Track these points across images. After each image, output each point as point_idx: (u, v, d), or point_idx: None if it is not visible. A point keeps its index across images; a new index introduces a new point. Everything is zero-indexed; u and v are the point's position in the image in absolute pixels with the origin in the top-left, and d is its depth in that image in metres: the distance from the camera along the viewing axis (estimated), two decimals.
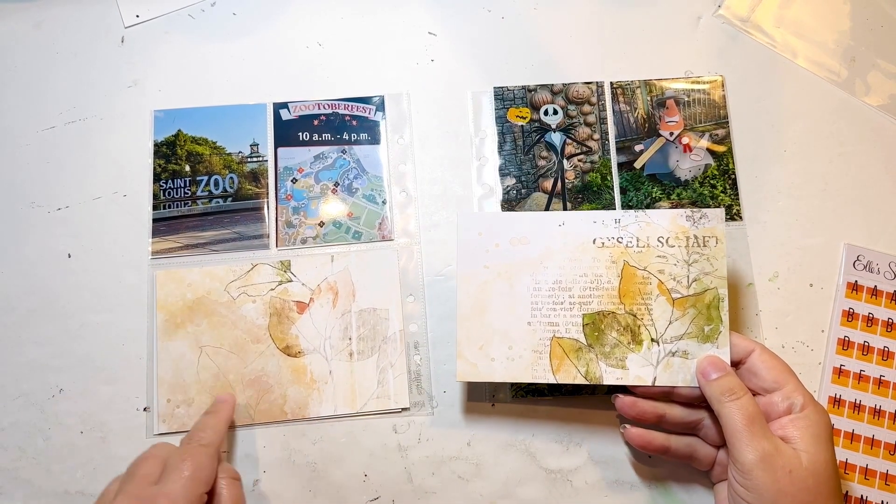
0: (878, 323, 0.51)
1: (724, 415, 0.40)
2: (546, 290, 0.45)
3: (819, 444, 0.39)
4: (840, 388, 0.50)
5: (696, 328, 0.44)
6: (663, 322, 0.44)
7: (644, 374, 0.44)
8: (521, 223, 0.46)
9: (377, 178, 0.54)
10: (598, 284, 0.45)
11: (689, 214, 0.45)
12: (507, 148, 0.55)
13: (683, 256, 0.45)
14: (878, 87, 0.57)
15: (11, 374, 0.50)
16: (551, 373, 0.44)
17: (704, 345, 0.44)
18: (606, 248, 0.45)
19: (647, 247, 0.45)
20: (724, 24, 0.58)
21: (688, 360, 0.44)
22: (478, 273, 0.45)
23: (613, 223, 0.45)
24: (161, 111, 0.55)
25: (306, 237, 0.52)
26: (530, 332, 0.44)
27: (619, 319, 0.44)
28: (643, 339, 0.44)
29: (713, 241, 0.45)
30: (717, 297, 0.44)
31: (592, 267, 0.45)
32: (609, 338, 0.44)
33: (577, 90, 0.56)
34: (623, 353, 0.44)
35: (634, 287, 0.45)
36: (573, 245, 0.45)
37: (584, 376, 0.44)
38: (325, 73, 0.56)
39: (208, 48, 0.57)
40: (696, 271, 0.44)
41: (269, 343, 0.50)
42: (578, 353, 0.44)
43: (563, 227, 0.46)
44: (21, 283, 0.51)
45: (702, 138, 0.55)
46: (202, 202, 0.53)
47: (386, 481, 0.48)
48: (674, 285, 0.45)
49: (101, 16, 0.57)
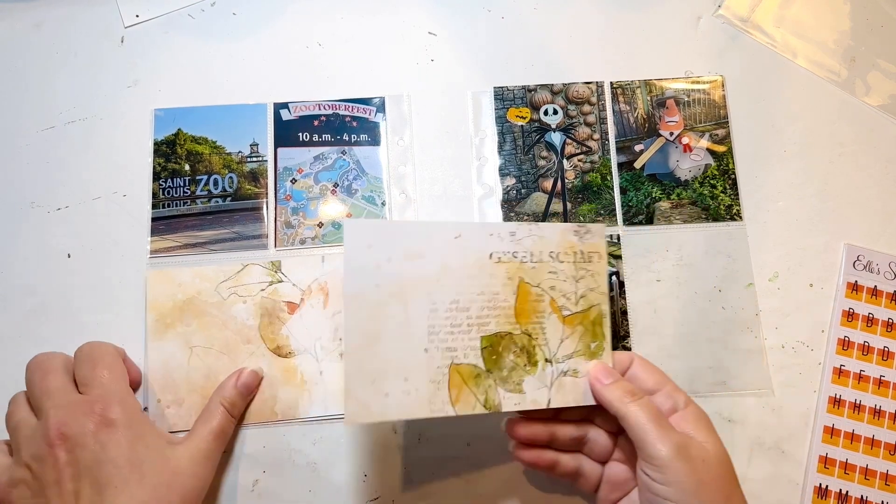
0: (878, 323, 0.51)
1: (630, 414, 0.39)
2: (443, 312, 0.40)
3: (715, 435, 0.40)
4: (840, 388, 0.50)
5: (584, 345, 0.43)
6: (555, 341, 0.42)
7: (539, 397, 0.41)
8: (416, 234, 0.41)
9: (377, 179, 0.54)
10: (495, 303, 0.41)
11: (576, 229, 0.43)
12: (507, 148, 0.55)
13: (572, 272, 0.43)
14: (878, 87, 0.57)
15: (11, 375, 0.50)
16: (450, 405, 0.40)
17: (590, 362, 0.43)
18: (503, 264, 0.42)
19: (541, 262, 0.43)
20: (724, 24, 0.58)
21: (577, 378, 0.42)
22: (368, 294, 0.40)
23: (509, 236, 0.42)
24: (161, 110, 0.55)
25: (305, 238, 0.52)
26: (427, 361, 0.40)
27: (516, 340, 0.42)
28: (538, 360, 0.42)
29: (596, 257, 0.44)
30: (601, 313, 0.43)
31: (490, 284, 0.41)
32: (507, 361, 0.41)
33: (577, 90, 0.56)
34: (520, 376, 0.41)
35: (530, 305, 0.42)
36: (471, 260, 0.41)
37: (483, 405, 0.40)
38: (325, 72, 0.56)
39: (208, 48, 0.57)
40: (583, 287, 0.43)
41: (259, 343, 0.50)
42: (477, 380, 0.40)
43: (459, 239, 0.41)
44: (21, 283, 0.51)
45: (702, 138, 0.55)
46: (201, 202, 0.53)
47: (386, 481, 0.48)
48: (564, 302, 0.43)
49: (101, 16, 0.57)
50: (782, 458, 0.49)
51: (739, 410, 0.50)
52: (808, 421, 0.50)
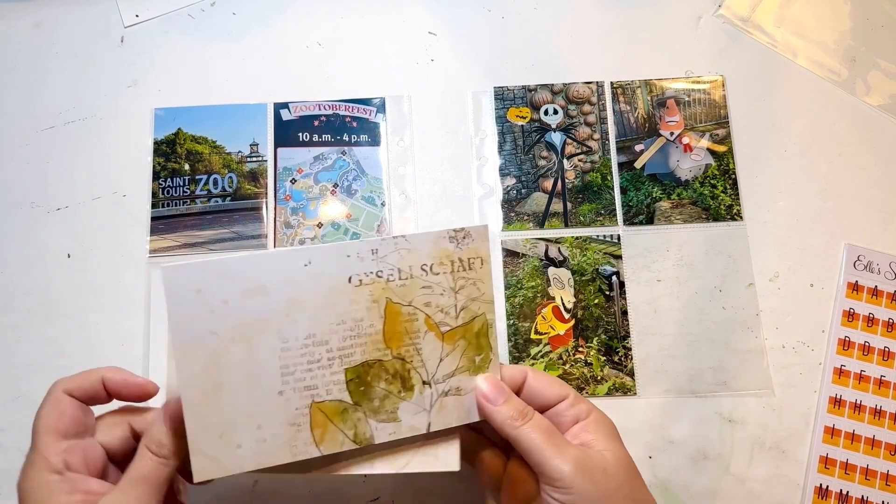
0: (878, 323, 0.51)
1: (522, 438, 0.37)
2: (298, 349, 0.37)
3: (616, 441, 0.38)
4: (841, 388, 0.50)
5: (468, 360, 0.39)
6: (434, 361, 0.39)
7: (418, 423, 0.38)
8: (255, 268, 0.36)
9: (377, 179, 0.54)
10: (359, 331, 0.37)
11: (452, 235, 0.39)
12: (508, 148, 0.55)
13: (450, 284, 0.39)
14: (878, 86, 0.57)
15: (11, 375, 0.50)
16: (314, 445, 0.37)
17: (476, 377, 0.39)
18: (365, 286, 0.37)
19: (411, 277, 0.38)
20: (725, 23, 0.58)
21: (461, 396, 0.39)
22: (203, 343, 0.35)
23: (370, 255, 0.37)
24: (161, 109, 0.55)
25: (304, 238, 0.52)
26: (283, 404, 0.36)
27: (387, 367, 0.38)
28: (414, 384, 0.38)
29: (478, 263, 0.39)
30: (486, 323, 0.39)
31: (351, 311, 0.37)
32: (377, 390, 0.38)
33: (578, 90, 0.56)
34: (394, 403, 0.38)
35: (400, 327, 0.38)
36: (325, 288, 0.37)
37: (352, 440, 0.37)
38: (325, 72, 0.56)
39: (208, 48, 0.57)
40: (464, 298, 0.39)
41: None
42: (344, 416, 0.37)
43: (309, 266, 0.37)
44: (21, 283, 0.51)
45: (702, 138, 0.55)
46: (201, 201, 0.53)
47: (386, 481, 0.48)
48: (442, 318, 0.39)
49: (101, 15, 0.57)
50: (783, 458, 0.49)
51: (740, 410, 0.50)
52: (809, 421, 0.50)
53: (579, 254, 0.53)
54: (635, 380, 0.50)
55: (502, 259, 0.52)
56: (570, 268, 0.52)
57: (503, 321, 0.51)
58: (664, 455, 0.49)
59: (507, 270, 0.52)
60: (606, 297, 0.52)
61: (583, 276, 0.52)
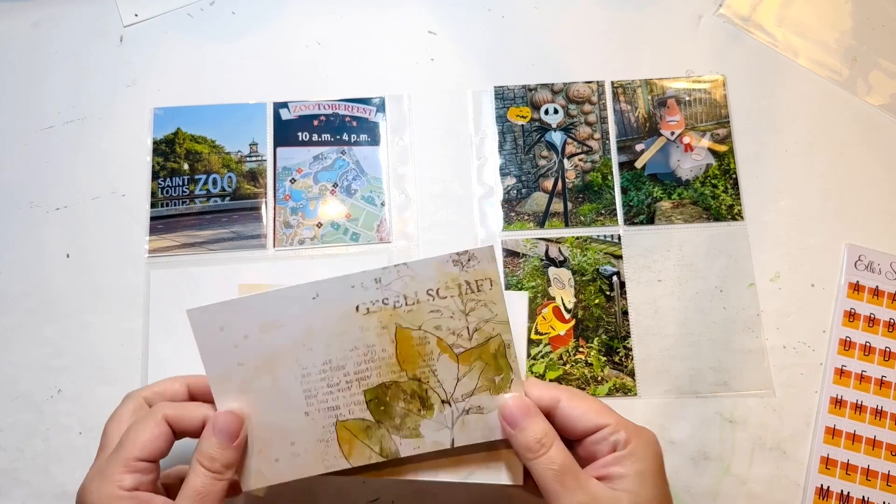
0: (879, 323, 0.51)
1: (535, 471, 0.37)
2: (317, 374, 0.40)
3: (644, 482, 0.37)
4: (842, 388, 0.50)
5: (486, 380, 0.40)
6: (450, 381, 0.40)
7: (441, 438, 0.40)
8: (269, 305, 0.39)
9: (376, 179, 0.54)
10: (372, 356, 0.40)
11: (455, 258, 0.39)
12: (508, 147, 0.55)
13: (459, 306, 0.40)
14: (879, 86, 0.57)
15: (10, 375, 0.50)
16: (344, 458, 0.40)
17: (497, 396, 0.40)
18: (373, 314, 0.39)
19: (417, 303, 0.39)
20: (726, 23, 0.58)
21: (483, 414, 0.40)
22: (232, 374, 0.39)
23: (374, 284, 0.39)
24: (161, 109, 0.55)
25: (304, 238, 0.52)
26: (310, 423, 0.40)
27: (404, 387, 0.40)
28: (433, 403, 0.40)
29: (487, 284, 0.39)
30: (502, 343, 0.40)
31: (362, 338, 0.39)
32: (397, 409, 0.40)
33: (578, 89, 0.56)
34: (415, 421, 0.40)
35: (412, 350, 0.40)
36: (335, 318, 0.39)
37: (379, 454, 0.40)
38: (325, 71, 0.56)
39: (207, 47, 0.57)
40: (476, 320, 0.40)
41: None
42: (368, 432, 0.40)
43: (317, 299, 0.39)
44: (20, 283, 0.51)
45: (703, 138, 0.55)
46: (200, 201, 0.53)
47: (386, 482, 0.48)
48: (454, 340, 0.40)
49: (100, 15, 0.57)
50: (784, 458, 0.49)
51: (741, 411, 0.50)
52: (810, 421, 0.50)
53: (580, 254, 0.52)
54: (636, 380, 0.50)
55: (502, 259, 0.52)
56: (571, 268, 0.52)
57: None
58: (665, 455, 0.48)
59: (508, 270, 0.52)
60: (607, 298, 0.52)
61: (583, 276, 0.52)
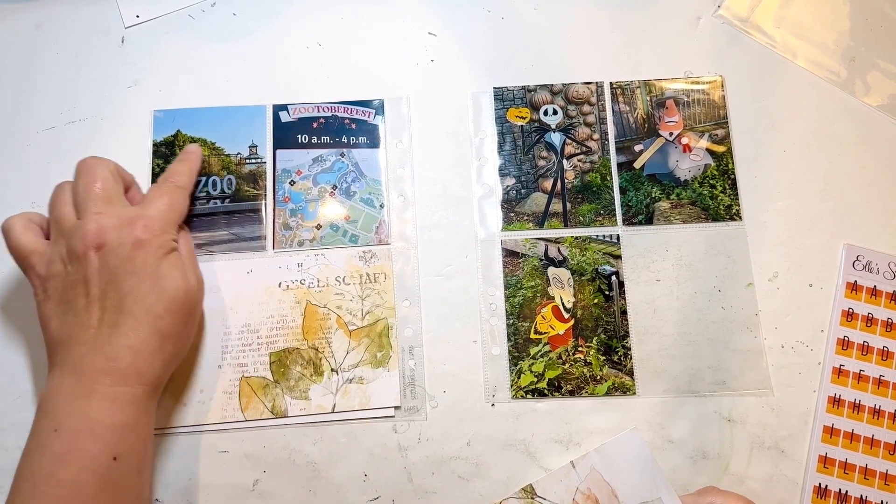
0: (877, 323, 0.51)
1: None
2: (236, 334, 0.49)
3: None
4: (840, 387, 0.50)
5: (370, 355, 0.49)
6: (342, 353, 0.49)
7: (324, 402, 0.48)
8: (213, 274, 0.50)
9: (375, 181, 0.54)
10: (283, 324, 0.49)
11: (361, 255, 0.51)
12: (507, 148, 0.55)
13: (358, 292, 0.50)
14: (877, 87, 0.57)
15: (12, 374, 0.50)
16: (240, 411, 0.48)
17: (377, 369, 0.49)
18: (291, 290, 0.50)
19: (327, 286, 0.50)
20: (724, 24, 0.58)
21: (363, 384, 0.48)
22: None
23: (297, 267, 0.51)
24: (161, 111, 0.55)
25: (303, 240, 0.52)
26: (220, 375, 0.48)
27: (303, 354, 0.49)
28: (324, 370, 0.49)
29: (382, 277, 0.51)
30: (387, 325, 0.50)
31: (278, 308, 0.50)
32: (293, 372, 0.49)
33: (577, 90, 0.56)
34: (306, 385, 0.48)
35: (316, 323, 0.49)
36: (261, 289, 0.50)
37: (270, 410, 0.48)
38: (325, 73, 0.56)
39: (208, 48, 0.57)
40: (369, 304, 0.50)
41: None
42: (266, 390, 0.48)
43: (251, 273, 0.50)
44: (20, 283, 0.51)
45: (701, 138, 0.55)
46: (200, 203, 0.53)
47: (386, 481, 0.48)
48: (350, 318, 0.50)
49: (101, 16, 0.57)
50: (782, 457, 0.49)
51: (739, 410, 0.50)
52: (808, 421, 0.50)
53: (579, 254, 0.53)
54: (634, 379, 0.50)
55: (502, 259, 0.53)
56: (570, 268, 0.52)
57: (503, 321, 0.51)
58: (664, 455, 0.49)
59: (507, 270, 0.52)
60: (606, 297, 0.52)
61: (582, 276, 0.52)
